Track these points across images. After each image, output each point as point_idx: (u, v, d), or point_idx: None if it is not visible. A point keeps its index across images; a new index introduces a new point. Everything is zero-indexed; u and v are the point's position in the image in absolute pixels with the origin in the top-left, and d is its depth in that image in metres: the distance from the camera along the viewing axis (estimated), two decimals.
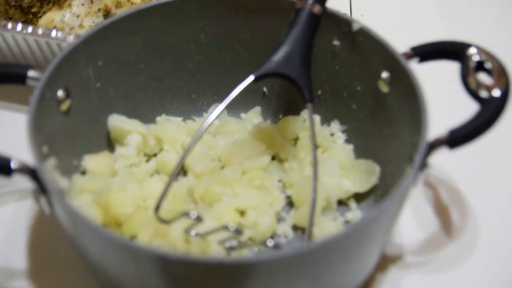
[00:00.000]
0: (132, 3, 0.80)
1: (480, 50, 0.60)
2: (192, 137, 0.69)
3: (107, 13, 0.79)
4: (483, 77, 0.59)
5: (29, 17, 0.82)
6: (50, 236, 0.67)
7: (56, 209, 0.56)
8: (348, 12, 0.88)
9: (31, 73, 0.63)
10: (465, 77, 0.60)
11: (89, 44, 0.67)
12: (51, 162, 0.60)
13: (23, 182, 0.56)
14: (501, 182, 0.70)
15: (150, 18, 0.70)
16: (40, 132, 0.58)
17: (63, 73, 0.64)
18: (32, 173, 0.55)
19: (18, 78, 0.63)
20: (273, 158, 0.71)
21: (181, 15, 0.72)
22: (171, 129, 0.72)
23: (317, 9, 0.64)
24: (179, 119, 0.75)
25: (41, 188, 0.55)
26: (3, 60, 0.71)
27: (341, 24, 0.67)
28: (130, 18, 0.69)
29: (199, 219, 0.59)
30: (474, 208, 0.68)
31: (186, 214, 0.59)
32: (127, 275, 0.56)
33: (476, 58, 0.60)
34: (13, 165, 0.55)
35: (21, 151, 0.58)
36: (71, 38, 0.73)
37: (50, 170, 0.58)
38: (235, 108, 0.68)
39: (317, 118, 0.68)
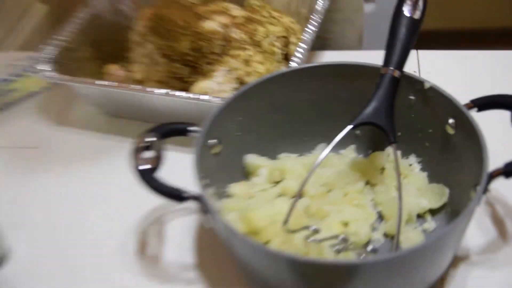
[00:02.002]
0: (258, 73, 0.80)
1: None
2: (305, 168, 0.71)
3: (241, 81, 0.80)
4: None
5: (185, 85, 0.84)
6: (210, 240, 0.68)
7: (214, 223, 0.58)
8: (417, 70, 0.87)
9: (191, 128, 0.65)
10: None
11: (231, 105, 0.68)
12: (210, 191, 0.62)
13: (191, 204, 0.58)
14: None
15: (272, 85, 0.71)
16: (201, 169, 0.60)
17: (214, 127, 0.65)
18: (197, 199, 0.57)
19: (182, 132, 0.65)
20: (366, 183, 0.71)
21: (294, 81, 0.72)
22: (290, 163, 0.72)
23: (397, 73, 0.64)
24: (295, 155, 0.75)
25: (204, 209, 0.57)
26: (170, 119, 0.73)
27: (415, 83, 0.67)
28: (258, 85, 0.70)
29: (316, 231, 0.60)
30: None
31: (307, 227, 0.60)
32: (264, 269, 0.57)
33: None
34: (184, 195, 0.58)
35: (188, 182, 0.59)
36: (217, 100, 0.74)
37: (209, 196, 0.59)
38: (335, 146, 0.67)
39: (398, 153, 0.66)
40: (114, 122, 0.89)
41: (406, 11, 0.67)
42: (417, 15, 0.67)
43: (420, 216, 0.67)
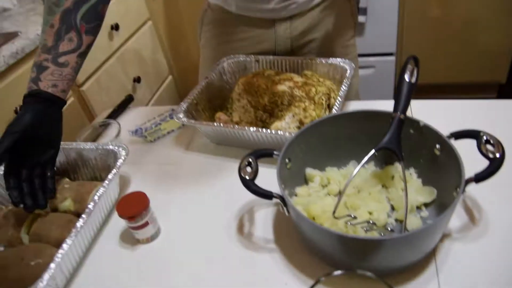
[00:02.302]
0: (312, 117, 0.80)
1: (486, 133, 0.60)
2: (342, 176, 0.72)
3: (301, 122, 0.81)
4: (489, 147, 0.58)
5: (266, 125, 0.85)
6: (284, 223, 0.69)
7: (290, 211, 0.60)
8: (410, 113, 0.84)
9: (274, 152, 0.67)
10: (479, 147, 0.59)
11: (297, 138, 0.69)
12: (286, 192, 0.63)
13: (275, 200, 0.60)
14: (501, 199, 0.67)
15: (322, 125, 0.72)
16: (281, 178, 0.62)
17: (287, 151, 0.67)
18: (280, 197, 0.59)
19: (269, 155, 0.67)
20: (383, 186, 0.71)
21: (335, 122, 0.73)
22: (333, 173, 0.73)
23: (402, 116, 0.65)
24: (336, 168, 0.75)
25: (284, 203, 0.59)
26: (258, 146, 0.75)
27: (414, 122, 0.68)
28: (313, 126, 0.71)
29: (354, 217, 0.63)
30: (486, 210, 0.66)
31: (349, 215, 0.63)
32: (321, 242, 0.59)
33: (485, 137, 0.59)
34: (272, 194, 0.60)
35: (272, 186, 0.61)
36: (287, 135, 0.75)
37: (286, 196, 0.60)
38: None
39: (403, 166, 0.65)
40: (221, 148, 0.89)
41: (407, 77, 0.68)
42: (413, 80, 0.68)
43: (418, 208, 0.67)
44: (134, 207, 0.67)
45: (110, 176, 0.76)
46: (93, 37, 0.72)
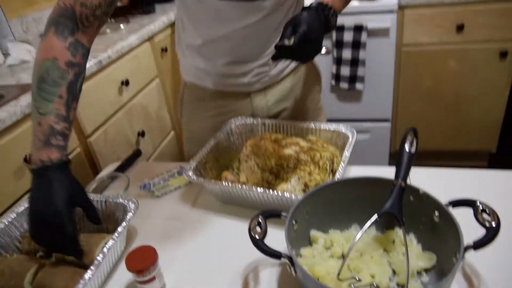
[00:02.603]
0: (316, 181, 0.83)
1: (482, 203, 0.63)
2: (345, 239, 0.74)
3: (306, 185, 0.83)
4: (485, 216, 0.61)
5: (271, 186, 0.87)
6: (290, 282, 0.70)
7: (297, 272, 0.61)
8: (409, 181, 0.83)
9: (283, 213, 0.69)
10: (476, 215, 0.62)
11: (303, 201, 0.72)
12: (293, 252, 0.63)
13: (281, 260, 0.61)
14: (499, 266, 0.69)
15: (326, 189, 0.74)
16: (289, 239, 0.64)
17: (295, 213, 0.69)
18: (288, 257, 0.61)
19: (277, 215, 0.68)
20: (384, 250, 0.72)
21: (339, 187, 0.76)
22: (336, 236, 0.75)
23: (403, 184, 0.69)
24: (339, 231, 0.76)
25: (291, 264, 0.61)
26: (264, 207, 0.76)
27: (414, 190, 0.71)
28: (318, 190, 0.74)
29: (359, 280, 0.64)
30: (484, 277, 0.67)
31: (353, 278, 0.64)
32: None
33: (481, 206, 0.63)
34: (281, 254, 0.62)
35: (279, 246, 0.63)
36: (293, 197, 0.77)
37: (294, 256, 0.61)
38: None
39: (404, 231, 0.67)
40: (226, 207, 0.91)
41: (407, 147, 0.72)
42: (413, 150, 0.73)
43: (418, 273, 0.68)
44: (143, 261, 0.69)
45: (119, 229, 0.78)
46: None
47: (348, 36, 2.08)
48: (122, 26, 2.01)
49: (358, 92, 2.26)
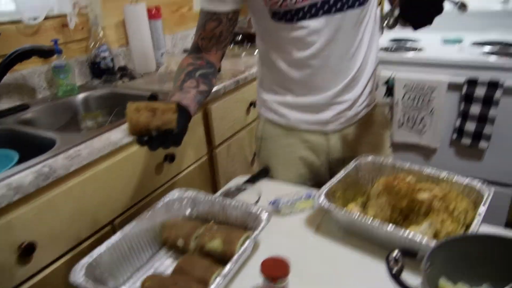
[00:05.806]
0: (447, 232, 0.82)
1: None
2: None
3: (436, 232, 0.83)
4: None
5: (405, 227, 0.87)
6: None
7: None
8: None
9: (420, 253, 0.71)
10: None
11: (442, 246, 0.71)
12: None
13: None
14: None
15: (464, 241, 0.73)
16: (426, 280, 0.64)
17: (431, 256, 0.69)
18: None
19: (413, 255, 0.72)
20: None
21: (476, 242, 0.73)
22: None
23: None
24: (468, 285, 0.73)
25: None
26: (388, 245, 0.77)
27: None
28: (457, 239, 0.73)
29: None
30: None
31: None
32: None
33: None
34: None
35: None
36: (423, 240, 0.77)
37: None
38: None
39: None
40: (349, 238, 0.92)
41: None
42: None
43: None
44: (279, 270, 0.75)
45: (256, 232, 0.86)
46: (207, 88, 1.03)
47: (480, 91, 2.02)
48: (256, 51, 2.17)
49: (480, 151, 2.16)
